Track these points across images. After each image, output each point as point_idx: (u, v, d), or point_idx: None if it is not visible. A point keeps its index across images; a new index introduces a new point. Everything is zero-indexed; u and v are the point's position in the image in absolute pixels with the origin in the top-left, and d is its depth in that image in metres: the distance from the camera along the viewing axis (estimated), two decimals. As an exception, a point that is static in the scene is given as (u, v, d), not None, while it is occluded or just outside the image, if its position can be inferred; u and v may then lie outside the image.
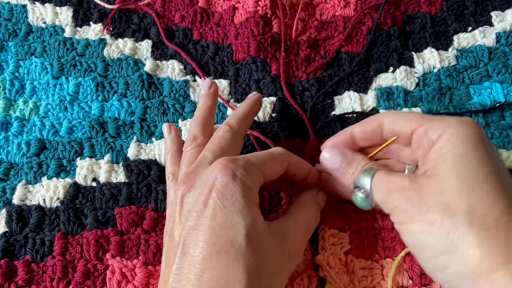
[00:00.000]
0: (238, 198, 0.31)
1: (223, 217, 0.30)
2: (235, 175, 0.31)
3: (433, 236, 0.28)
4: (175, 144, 0.41)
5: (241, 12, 0.54)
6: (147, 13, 0.55)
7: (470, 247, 0.26)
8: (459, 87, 0.48)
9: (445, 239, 0.27)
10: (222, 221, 0.30)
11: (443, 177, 0.29)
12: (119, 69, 0.50)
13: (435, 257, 0.28)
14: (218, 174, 0.31)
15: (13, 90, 0.50)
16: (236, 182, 0.31)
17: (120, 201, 0.42)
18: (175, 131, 0.41)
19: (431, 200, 0.29)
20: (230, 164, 0.32)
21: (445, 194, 0.28)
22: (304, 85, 0.49)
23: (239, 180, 0.31)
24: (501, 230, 0.26)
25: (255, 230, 0.30)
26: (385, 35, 0.51)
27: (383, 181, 0.32)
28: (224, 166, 0.31)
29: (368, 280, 0.38)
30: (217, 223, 0.30)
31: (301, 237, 0.35)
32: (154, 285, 0.38)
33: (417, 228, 0.29)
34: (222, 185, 0.31)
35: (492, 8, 0.52)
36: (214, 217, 0.30)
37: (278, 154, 0.36)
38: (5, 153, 0.46)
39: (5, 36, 0.53)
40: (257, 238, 0.30)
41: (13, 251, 0.40)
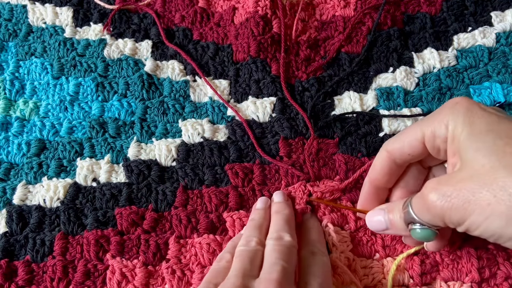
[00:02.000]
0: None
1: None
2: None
3: (499, 216, 0.26)
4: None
5: (241, 12, 0.54)
6: (147, 13, 0.55)
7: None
8: (459, 87, 0.48)
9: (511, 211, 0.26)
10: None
11: (472, 161, 0.28)
12: (119, 69, 0.50)
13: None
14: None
15: (13, 90, 0.50)
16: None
17: (120, 201, 0.42)
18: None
19: (473, 186, 0.27)
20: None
21: (483, 174, 0.27)
22: (304, 85, 0.49)
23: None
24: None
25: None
26: (385, 35, 0.51)
27: (420, 203, 0.31)
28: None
29: (370, 278, 0.38)
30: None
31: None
32: (154, 285, 0.38)
33: (478, 219, 0.27)
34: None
35: (492, 8, 0.52)
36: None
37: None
38: (5, 153, 0.46)
39: (5, 36, 0.54)
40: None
41: (13, 251, 0.40)
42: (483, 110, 0.30)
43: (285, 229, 0.36)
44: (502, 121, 0.29)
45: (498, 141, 0.28)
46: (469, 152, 0.29)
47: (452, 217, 0.29)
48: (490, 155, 0.27)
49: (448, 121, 0.31)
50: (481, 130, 0.29)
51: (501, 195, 0.26)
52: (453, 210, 0.28)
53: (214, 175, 0.44)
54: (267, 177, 0.44)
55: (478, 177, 0.27)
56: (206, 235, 0.40)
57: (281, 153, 0.45)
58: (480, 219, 0.27)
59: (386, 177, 0.36)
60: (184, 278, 0.38)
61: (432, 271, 0.37)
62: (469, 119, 0.30)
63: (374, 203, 0.37)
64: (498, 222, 0.27)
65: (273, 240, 0.35)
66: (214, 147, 0.45)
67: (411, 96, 0.48)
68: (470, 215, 0.28)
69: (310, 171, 0.43)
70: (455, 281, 0.37)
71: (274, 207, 0.39)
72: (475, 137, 0.29)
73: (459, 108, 0.31)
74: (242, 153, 0.45)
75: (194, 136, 0.46)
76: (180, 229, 0.41)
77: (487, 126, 0.29)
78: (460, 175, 0.29)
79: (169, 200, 0.42)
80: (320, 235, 0.38)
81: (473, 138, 0.29)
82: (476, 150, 0.28)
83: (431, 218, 0.31)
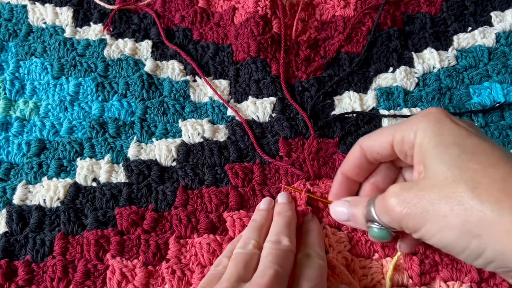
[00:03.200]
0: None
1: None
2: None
3: (453, 229, 0.27)
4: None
5: (241, 12, 0.54)
6: (147, 13, 0.55)
7: (494, 223, 0.25)
8: (459, 87, 0.48)
9: (465, 226, 0.26)
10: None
11: (435, 172, 0.29)
12: (119, 69, 0.51)
13: (467, 247, 0.27)
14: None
15: (13, 90, 0.50)
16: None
17: (120, 201, 0.42)
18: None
19: (433, 197, 0.28)
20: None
21: (444, 186, 0.28)
22: (304, 85, 0.49)
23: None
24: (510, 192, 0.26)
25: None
26: (385, 35, 0.51)
27: (381, 204, 0.32)
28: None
29: (368, 279, 0.38)
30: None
31: None
32: (154, 285, 0.38)
33: (433, 228, 0.28)
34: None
35: (491, 8, 0.52)
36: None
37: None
38: (5, 153, 0.46)
39: (5, 36, 0.54)
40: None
41: (13, 251, 0.40)
42: (454, 123, 0.31)
43: (284, 232, 0.36)
44: (470, 136, 0.30)
45: (463, 156, 0.28)
46: (434, 163, 0.29)
47: (409, 223, 0.29)
48: (454, 169, 0.28)
49: (417, 129, 0.31)
50: (448, 143, 0.29)
51: (457, 208, 0.27)
52: (411, 217, 0.29)
53: (214, 175, 0.44)
54: (267, 177, 0.44)
55: (439, 188, 0.28)
56: (206, 235, 0.40)
57: (281, 152, 0.45)
58: (435, 229, 0.28)
59: (357, 170, 0.37)
60: (184, 278, 0.38)
61: (431, 271, 0.37)
62: (438, 130, 0.30)
63: (344, 194, 0.38)
64: (451, 234, 0.27)
65: (271, 243, 0.35)
66: (214, 147, 0.45)
67: (411, 96, 0.48)
68: (426, 224, 0.28)
69: (310, 169, 0.43)
70: (455, 281, 0.37)
71: (277, 207, 0.40)
72: (441, 148, 0.29)
73: (431, 118, 0.31)
74: (242, 153, 0.45)
75: (194, 136, 0.46)
76: (180, 229, 0.41)
77: (454, 139, 0.29)
78: (422, 184, 0.29)
79: (169, 200, 0.42)
80: (319, 238, 0.39)
81: (439, 150, 0.29)
82: (440, 161, 0.29)
83: (389, 221, 0.32)
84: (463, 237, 0.27)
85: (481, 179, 0.27)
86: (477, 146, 0.29)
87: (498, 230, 0.25)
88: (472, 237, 0.27)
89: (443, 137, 0.30)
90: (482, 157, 0.28)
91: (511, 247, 0.25)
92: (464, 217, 0.26)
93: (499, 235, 0.25)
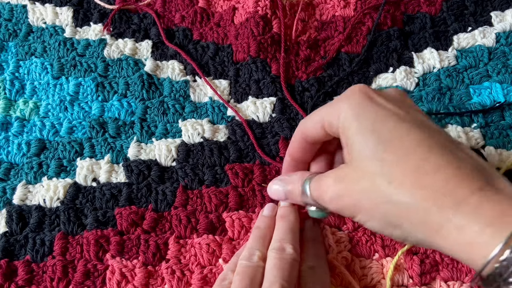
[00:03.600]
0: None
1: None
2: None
3: (378, 220, 0.28)
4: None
5: (241, 12, 0.54)
6: (147, 13, 0.55)
7: (409, 215, 0.26)
8: (459, 87, 0.48)
9: (387, 218, 0.28)
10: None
11: (358, 161, 0.29)
12: (119, 69, 0.51)
13: (392, 234, 0.28)
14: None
15: (13, 90, 0.50)
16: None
17: (120, 201, 0.42)
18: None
19: (359, 191, 0.29)
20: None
21: (366, 180, 0.28)
22: (304, 85, 0.49)
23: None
24: (429, 172, 0.26)
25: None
26: (385, 35, 0.51)
27: (316, 187, 0.32)
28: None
29: (369, 279, 0.38)
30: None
31: None
32: (153, 285, 0.38)
33: (363, 218, 0.29)
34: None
35: (492, 8, 0.52)
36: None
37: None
38: (5, 153, 0.46)
39: (5, 36, 0.54)
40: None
41: (13, 251, 0.40)
42: (374, 103, 0.30)
43: (288, 238, 0.36)
44: (387, 119, 0.29)
45: (379, 147, 0.28)
46: (355, 154, 0.29)
47: (344, 213, 0.31)
48: (372, 162, 0.28)
49: (340, 112, 0.30)
50: (366, 129, 0.29)
51: (379, 202, 0.27)
52: (345, 208, 0.30)
53: (214, 175, 0.44)
54: (267, 178, 0.43)
55: (363, 180, 0.28)
56: (205, 236, 0.40)
57: (281, 153, 0.45)
58: (365, 218, 0.29)
59: (301, 152, 0.36)
60: (183, 279, 0.38)
61: (431, 271, 0.37)
62: (357, 114, 0.29)
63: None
64: (377, 224, 0.29)
65: (275, 251, 0.34)
66: (214, 147, 0.45)
67: (411, 96, 0.48)
68: (358, 214, 0.29)
69: (310, 171, 0.43)
70: (455, 281, 0.37)
71: (280, 211, 0.39)
72: (360, 136, 0.29)
73: (351, 100, 0.30)
74: (242, 153, 0.45)
75: (194, 136, 0.46)
76: (180, 229, 0.41)
77: (372, 125, 0.29)
78: (350, 176, 0.30)
79: (169, 200, 0.42)
80: (320, 247, 0.38)
81: (358, 137, 0.29)
82: (360, 153, 0.29)
83: (324, 204, 0.32)
84: (387, 227, 0.28)
85: (395, 171, 0.27)
86: (394, 131, 0.28)
87: (414, 221, 0.26)
88: (394, 227, 0.28)
89: (361, 122, 0.29)
90: (397, 145, 0.27)
91: (428, 235, 0.26)
92: (384, 210, 0.27)
93: (416, 226, 0.26)
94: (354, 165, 0.29)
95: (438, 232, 0.25)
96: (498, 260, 0.23)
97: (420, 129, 0.28)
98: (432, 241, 0.26)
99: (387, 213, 0.27)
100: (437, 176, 0.26)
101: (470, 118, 0.46)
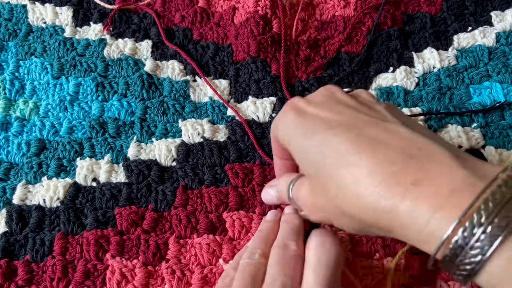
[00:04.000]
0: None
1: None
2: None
3: (348, 225, 0.29)
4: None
5: (241, 12, 0.54)
6: (147, 13, 0.55)
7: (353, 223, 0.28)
8: (459, 87, 0.48)
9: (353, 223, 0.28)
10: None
11: (310, 180, 0.31)
12: (119, 69, 0.50)
13: (366, 233, 0.29)
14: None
15: (13, 90, 0.50)
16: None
17: (120, 201, 0.42)
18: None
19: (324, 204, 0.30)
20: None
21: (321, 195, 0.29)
22: (304, 85, 0.49)
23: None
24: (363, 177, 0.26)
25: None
26: (385, 35, 0.51)
27: (295, 196, 0.33)
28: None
29: (369, 278, 0.38)
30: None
31: None
32: (153, 285, 0.38)
33: (338, 224, 0.30)
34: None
35: (492, 8, 0.52)
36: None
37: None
38: (5, 153, 0.46)
39: (5, 36, 0.53)
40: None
41: (13, 251, 0.40)
42: (304, 117, 0.30)
43: (291, 237, 0.35)
44: (317, 130, 0.29)
45: (313, 162, 0.29)
46: (302, 167, 0.31)
47: (323, 221, 0.32)
48: (317, 178, 0.29)
49: (277, 133, 0.32)
50: (300, 147, 0.30)
51: (339, 214, 0.29)
52: (323, 218, 0.32)
53: (214, 175, 0.44)
54: (267, 178, 0.43)
55: (321, 197, 0.30)
56: (206, 235, 0.40)
57: (281, 153, 0.45)
58: (339, 224, 0.30)
59: (281, 152, 0.36)
60: (184, 279, 0.38)
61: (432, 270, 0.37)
62: (290, 134, 0.31)
63: (284, 173, 0.38)
64: (350, 228, 0.29)
65: (278, 248, 0.34)
66: (214, 147, 0.45)
67: (411, 96, 0.48)
68: (333, 222, 0.30)
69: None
70: (455, 281, 0.37)
71: (284, 217, 0.38)
72: (297, 154, 0.31)
73: (285, 117, 0.32)
74: (242, 153, 0.45)
75: (194, 136, 0.46)
76: (180, 229, 0.41)
77: (305, 141, 0.29)
78: (316, 189, 0.30)
79: (169, 200, 0.42)
80: (330, 270, 0.38)
81: (297, 155, 0.31)
82: (303, 168, 0.31)
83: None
84: (359, 229, 0.29)
85: (332, 182, 0.28)
86: (325, 141, 0.28)
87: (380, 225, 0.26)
88: (366, 228, 0.28)
89: (296, 141, 0.30)
90: (329, 154, 0.28)
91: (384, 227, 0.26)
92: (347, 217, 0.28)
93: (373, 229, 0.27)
94: (312, 183, 0.31)
95: (392, 222, 0.25)
96: (451, 241, 0.22)
97: (346, 131, 0.28)
98: (388, 232, 0.26)
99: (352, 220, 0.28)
100: (370, 180, 0.25)
101: (470, 118, 0.46)
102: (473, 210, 0.22)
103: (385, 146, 0.26)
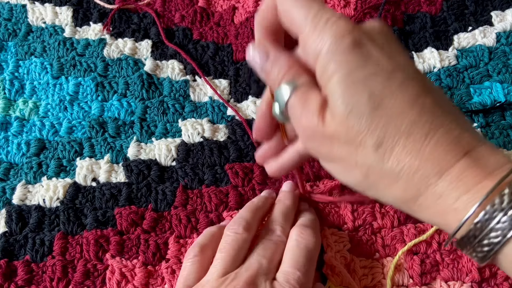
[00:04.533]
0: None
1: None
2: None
3: (354, 177, 0.27)
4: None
5: (241, 12, 0.54)
6: (147, 13, 0.55)
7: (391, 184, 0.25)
8: (459, 87, 0.48)
9: (366, 180, 0.26)
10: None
11: (340, 116, 0.25)
12: (119, 69, 0.50)
13: (366, 193, 0.27)
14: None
15: (12, 90, 0.50)
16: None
17: (120, 201, 0.42)
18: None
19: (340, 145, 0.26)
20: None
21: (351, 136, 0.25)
22: (304, 84, 0.49)
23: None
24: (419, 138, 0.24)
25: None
26: (385, 35, 0.51)
27: (297, 107, 0.27)
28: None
29: (369, 278, 0.38)
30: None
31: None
32: (153, 285, 0.38)
33: (339, 170, 0.28)
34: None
35: (492, 8, 0.52)
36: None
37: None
38: (5, 153, 0.46)
39: (5, 36, 0.53)
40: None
41: (13, 251, 0.40)
42: (363, 53, 0.25)
43: (279, 221, 0.37)
44: (378, 73, 0.25)
45: (370, 103, 0.24)
46: (340, 105, 0.25)
47: (312, 153, 0.29)
48: (360, 120, 0.25)
49: (322, 47, 0.25)
50: (358, 82, 0.25)
51: (361, 163, 0.26)
52: (318, 152, 0.28)
53: (214, 174, 0.44)
54: (267, 177, 0.43)
55: (346, 138, 0.25)
56: (206, 235, 0.40)
57: (281, 153, 0.45)
58: (338, 171, 0.28)
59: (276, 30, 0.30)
60: (184, 278, 0.38)
61: (432, 270, 0.37)
62: (349, 60, 0.25)
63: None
64: (352, 180, 0.27)
65: (265, 231, 0.37)
66: (214, 147, 0.45)
67: (411, 95, 0.47)
68: (331, 163, 0.28)
69: (309, 171, 0.43)
70: (455, 281, 0.37)
71: (279, 195, 0.41)
72: (348, 90, 0.25)
73: (341, 41, 0.25)
74: (242, 152, 0.45)
75: (194, 135, 0.46)
76: (180, 229, 0.41)
77: (365, 78, 0.25)
78: (330, 127, 0.26)
79: (169, 200, 0.42)
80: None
81: (346, 90, 0.25)
82: (347, 106, 0.25)
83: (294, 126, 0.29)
84: (363, 186, 0.27)
85: (385, 134, 0.24)
86: (387, 87, 0.24)
87: (393, 187, 0.25)
88: (369, 188, 0.27)
89: (352, 71, 0.25)
90: (389, 104, 0.24)
91: (403, 201, 0.25)
92: (365, 170, 0.26)
93: (394, 191, 0.25)
94: (337, 120, 0.25)
95: (416, 199, 0.25)
96: (472, 222, 0.23)
97: (412, 83, 0.25)
98: (407, 207, 0.26)
99: (368, 173, 0.26)
100: (426, 141, 0.24)
101: (470, 117, 0.46)
102: (495, 193, 0.22)
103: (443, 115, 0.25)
